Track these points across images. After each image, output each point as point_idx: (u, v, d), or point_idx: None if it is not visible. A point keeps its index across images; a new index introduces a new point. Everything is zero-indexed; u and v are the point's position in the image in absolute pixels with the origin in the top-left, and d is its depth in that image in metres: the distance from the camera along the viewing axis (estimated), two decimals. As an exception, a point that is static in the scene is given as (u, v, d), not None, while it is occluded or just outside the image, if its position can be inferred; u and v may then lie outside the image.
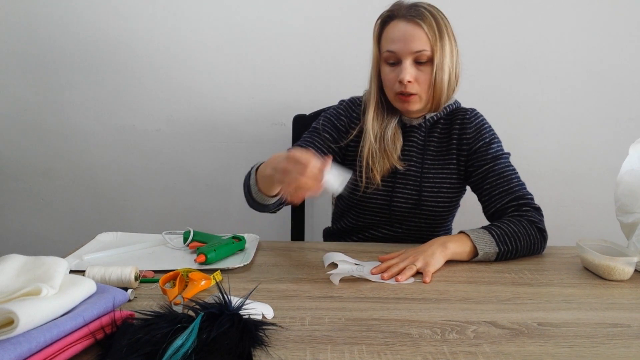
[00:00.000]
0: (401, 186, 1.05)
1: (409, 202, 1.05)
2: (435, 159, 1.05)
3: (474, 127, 1.04)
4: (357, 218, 1.10)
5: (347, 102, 1.11)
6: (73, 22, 1.48)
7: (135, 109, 1.55)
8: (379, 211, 1.07)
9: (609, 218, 0.98)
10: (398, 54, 0.95)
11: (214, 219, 1.63)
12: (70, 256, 0.88)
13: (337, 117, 1.08)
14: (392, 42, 0.95)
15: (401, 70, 0.94)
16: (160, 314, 0.57)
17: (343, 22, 1.47)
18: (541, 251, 0.96)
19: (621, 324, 0.65)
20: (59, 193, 1.62)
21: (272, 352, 0.55)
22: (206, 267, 0.82)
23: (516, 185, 0.99)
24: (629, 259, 0.81)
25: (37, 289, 0.53)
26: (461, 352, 0.56)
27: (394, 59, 0.96)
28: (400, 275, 0.80)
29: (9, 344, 0.46)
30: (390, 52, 0.95)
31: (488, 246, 0.89)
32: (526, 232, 0.92)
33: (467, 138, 1.04)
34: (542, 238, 0.94)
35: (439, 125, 1.06)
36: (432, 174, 1.05)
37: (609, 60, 1.50)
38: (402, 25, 0.94)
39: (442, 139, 1.06)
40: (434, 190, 1.04)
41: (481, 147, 1.03)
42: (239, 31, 1.49)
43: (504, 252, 0.90)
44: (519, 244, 0.91)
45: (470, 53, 1.49)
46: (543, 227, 0.95)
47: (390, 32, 0.96)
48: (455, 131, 1.05)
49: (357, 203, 1.07)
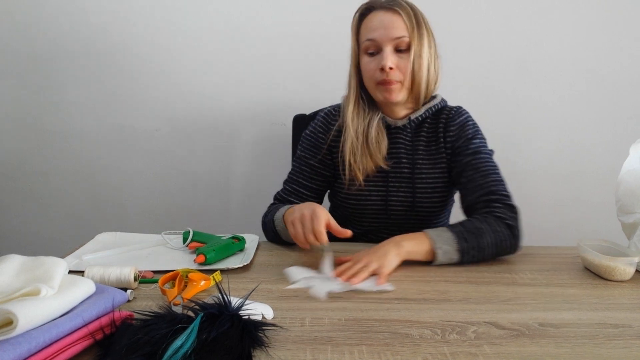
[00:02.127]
0: (394, 189, 1.04)
1: (405, 205, 1.05)
2: (425, 159, 1.05)
3: (457, 124, 1.04)
4: (355, 225, 1.10)
5: (323, 115, 1.11)
6: (73, 22, 1.48)
7: (135, 109, 1.55)
8: (375, 216, 1.07)
9: (609, 218, 0.98)
10: (378, 42, 0.95)
11: (213, 219, 1.63)
12: (70, 256, 0.88)
13: (316, 136, 1.09)
14: (372, 30, 0.96)
15: (382, 58, 0.95)
16: (159, 315, 0.56)
17: (343, 22, 1.47)
18: (513, 250, 0.91)
19: (622, 325, 0.65)
20: (58, 193, 1.62)
21: (272, 352, 0.55)
22: (206, 268, 0.82)
23: (492, 180, 0.96)
24: (629, 259, 0.81)
25: (36, 289, 0.53)
26: (461, 353, 0.56)
27: (373, 48, 0.97)
28: (355, 278, 0.77)
29: (8, 345, 0.46)
30: (370, 40, 0.96)
31: (447, 244, 0.85)
32: (491, 229, 0.88)
33: (451, 135, 1.03)
34: (512, 235, 0.89)
35: (426, 125, 1.06)
36: (424, 175, 1.04)
37: (609, 59, 1.50)
38: (381, 15, 0.96)
39: (430, 139, 1.05)
40: (427, 191, 1.04)
41: (463, 142, 1.02)
42: (239, 31, 1.49)
43: (466, 250, 0.85)
44: (483, 240, 0.86)
45: (470, 53, 1.50)
46: (513, 224, 0.90)
47: (369, 23, 0.97)
48: (441, 129, 1.04)
49: (353, 212, 1.08)
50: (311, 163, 1.08)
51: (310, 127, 1.12)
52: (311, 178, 1.08)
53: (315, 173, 1.08)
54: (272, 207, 1.06)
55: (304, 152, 1.10)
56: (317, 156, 1.07)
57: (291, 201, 1.07)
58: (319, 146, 1.08)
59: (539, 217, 1.61)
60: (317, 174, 1.08)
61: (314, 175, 1.08)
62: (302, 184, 1.08)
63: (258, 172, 1.59)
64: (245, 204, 1.62)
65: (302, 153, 1.10)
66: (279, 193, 1.10)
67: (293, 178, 1.10)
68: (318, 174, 1.08)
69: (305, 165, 1.09)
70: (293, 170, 1.11)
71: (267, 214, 1.05)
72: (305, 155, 1.09)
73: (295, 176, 1.09)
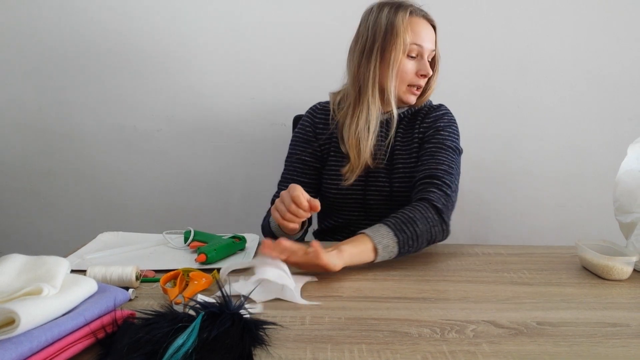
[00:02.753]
0: (373, 179, 1.06)
1: (383, 194, 1.06)
2: (402, 149, 1.06)
3: (433, 117, 1.06)
4: (337, 217, 1.12)
5: (309, 111, 1.15)
6: (73, 22, 1.49)
7: (136, 109, 1.55)
8: (355, 207, 1.08)
9: (608, 218, 0.98)
10: (423, 49, 1.00)
11: (214, 219, 1.63)
12: (72, 256, 0.88)
13: (304, 131, 1.11)
14: (420, 37, 0.99)
15: (425, 65, 1.00)
16: (161, 314, 0.57)
17: (343, 22, 1.47)
18: (443, 236, 0.91)
19: (620, 324, 0.65)
20: (60, 193, 1.62)
21: (273, 351, 0.56)
22: (207, 267, 0.82)
23: (441, 168, 0.95)
24: (627, 259, 0.82)
25: (38, 289, 0.53)
26: (460, 351, 0.57)
27: (416, 53, 1.00)
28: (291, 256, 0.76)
29: (10, 344, 0.47)
30: (418, 45, 0.99)
31: (386, 238, 0.83)
32: (422, 215, 0.87)
33: (425, 126, 1.06)
34: (441, 220, 0.89)
35: (404, 122, 1.08)
36: (400, 164, 1.06)
37: (608, 60, 1.50)
38: (424, 24, 1.00)
39: (407, 130, 1.08)
40: (404, 180, 1.05)
41: (432, 132, 1.03)
42: (239, 31, 1.49)
43: (404, 241, 0.84)
44: (417, 228, 0.86)
45: (471, 54, 1.50)
46: (442, 209, 0.89)
47: (417, 27, 0.99)
48: (418, 121, 1.07)
49: (333, 202, 1.09)
50: (303, 158, 1.09)
51: (298, 127, 1.14)
52: (304, 173, 1.09)
53: (308, 167, 1.09)
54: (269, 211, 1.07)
55: (294, 149, 1.11)
56: (307, 150, 1.09)
57: None
58: (308, 140, 1.09)
59: (538, 217, 1.62)
60: (310, 168, 1.09)
61: (307, 170, 1.09)
62: (296, 180, 1.08)
63: (258, 172, 1.60)
64: (245, 203, 1.62)
65: (293, 151, 1.11)
66: (275, 195, 1.11)
67: (286, 177, 1.10)
68: (311, 167, 1.09)
69: (297, 162, 1.09)
70: (285, 170, 1.12)
71: (264, 218, 1.06)
72: (296, 151, 1.10)
73: (289, 175, 1.10)
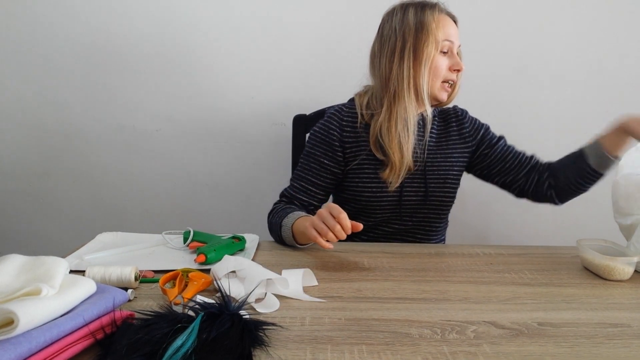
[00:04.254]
0: (409, 180, 1.07)
1: (419, 194, 1.08)
2: (437, 152, 1.10)
3: (468, 121, 1.14)
4: (368, 218, 1.10)
5: (334, 112, 1.10)
6: (73, 22, 1.48)
7: (135, 109, 1.55)
8: (388, 209, 1.08)
9: (609, 218, 0.98)
10: (454, 45, 1.02)
11: (214, 219, 1.63)
12: (71, 256, 0.88)
13: (327, 133, 1.08)
14: (450, 33, 1.01)
15: (455, 59, 1.02)
16: (160, 314, 0.57)
17: (343, 22, 1.47)
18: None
19: (621, 324, 0.65)
20: (59, 193, 1.62)
21: (272, 352, 0.55)
22: (206, 267, 0.82)
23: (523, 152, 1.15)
24: (629, 259, 0.81)
25: (37, 289, 0.53)
26: (461, 352, 0.56)
27: (447, 49, 1.02)
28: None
29: (9, 344, 0.46)
30: (450, 41, 1.01)
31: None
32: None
33: (468, 131, 1.13)
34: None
35: (435, 121, 1.12)
36: (435, 166, 1.09)
37: (610, 61, 1.50)
38: (449, 19, 1.02)
39: (441, 133, 1.12)
40: (439, 181, 1.09)
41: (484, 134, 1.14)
42: (239, 31, 1.49)
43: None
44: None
45: (472, 54, 1.50)
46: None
47: (445, 25, 1.01)
48: (454, 126, 1.13)
49: (366, 204, 1.08)
50: (321, 160, 1.07)
51: (319, 124, 1.11)
52: (320, 175, 1.08)
53: (326, 170, 1.08)
54: (279, 208, 1.05)
55: (313, 148, 1.09)
56: (328, 153, 1.07)
57: (299, 199, 1.07)
58: (331, 144, 1.07)
59: (539, 218, 1.61)
60: (327, 172, 1.08)
61: (323, 172, 1.08)
62: (311, 181, 1.08)
63: (258, 172, 1.59)
64: (245, 203, 1.62)
65: (312, 150, 1.09)
66: (287, 190, 1.09)
67: (301, 175, 1.09)
68: (328, 171, 1.08)
69: (315, 163, 1.08)
70: (301, 167, 1.10)
71: (274, 214, 1.04)
72: (315, 152, 1.08)
73: (304, 173, 1.08)
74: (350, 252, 0.94)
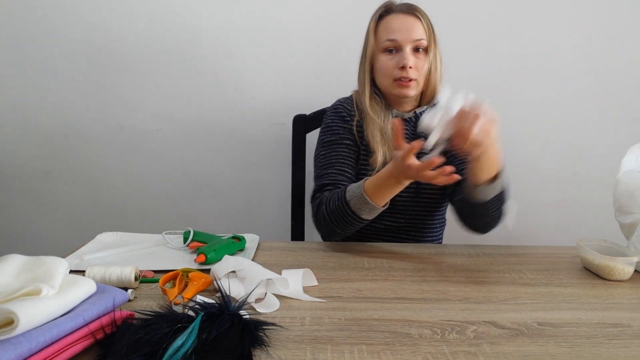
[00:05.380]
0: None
1: (410, 192, 1.07)
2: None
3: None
4: None
5: (340, 104, 1.14)
6: (73, 22, 1.48)
7: (135, 109, 1.55)
8: None
9: (609, 218, 0.98)
10: (399, 42, 1.02)
11: (214, 219, 1.63)
12: (71, 256, 0.88)
13: (342, 121, 1.10)
14: (393, 31, 1.03)
15: (403, 57, 1.01)
16: (160, 314, 0.57)
17: (343, 22, 1.47)
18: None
19: (621, 324, 0.65)
20: (59, 193, 1.62)
21: (272, 352, 0.55)
22: (206, 267, 0.82)
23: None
24: (629, 259, 0.82)
25: (37, 289, 0.53)
26: (461, 352, 0.56)
27: (392, 47, 1.03)
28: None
29: (9, 344, 0.46)
30: (391, 40, 1.02)
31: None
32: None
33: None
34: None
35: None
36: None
37: (611, 61, 1.50)
38: (402, 17, 1.03)
39: None
40: None
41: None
42: (239, 31, 1.49)
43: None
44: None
45: (473, 54, 1.50)
46: None
47: (390, 24, 1.04)
48: None
49: None
50: (347, 142, 1.08)
51: (330, 113, 1.13)
52: (350, 157, 1.08)
53: (352, 151, 1.08)
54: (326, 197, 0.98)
55: (334, 135, 1.09)
56: (347, 135, 1.09)
57: (342, 183, 1.03)
58: (347, 128, 1.09)
59: (539, 218, 1.61)
60: (353, 152, 1.08)
61: (352, 153, 1.08)
62: (344, 163, 1.06)
63: (258, 172, 1.59)
64: (245, 203, 1.62)
65: (333, 137, 1.09)
66: (322, 183, 1.04)
67: (331, 162, 1.06)
68: (353, 152, 1.09)
69: (339, 146, 1.07)
70: (327, 156, 1.07)
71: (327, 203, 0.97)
72: (337, 138, 1.08)
73: (334, 159, 1.06)
74: (350, 252, 0.94)
